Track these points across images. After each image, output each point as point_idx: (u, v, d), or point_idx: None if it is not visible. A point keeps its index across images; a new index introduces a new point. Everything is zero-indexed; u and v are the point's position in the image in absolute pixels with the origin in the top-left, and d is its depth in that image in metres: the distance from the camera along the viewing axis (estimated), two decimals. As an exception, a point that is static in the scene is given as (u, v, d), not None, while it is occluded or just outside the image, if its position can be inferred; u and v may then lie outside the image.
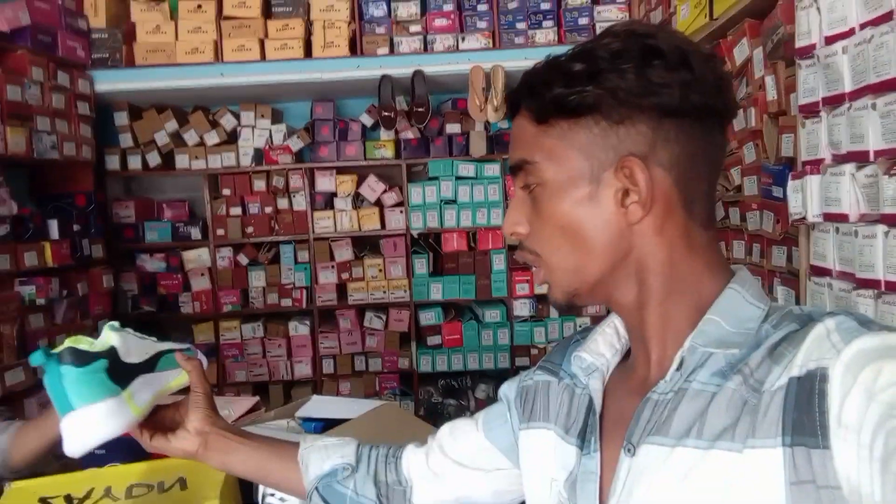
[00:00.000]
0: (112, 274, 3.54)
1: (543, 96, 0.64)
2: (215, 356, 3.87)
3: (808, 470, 0.53)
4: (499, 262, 3.88)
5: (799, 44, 1.64)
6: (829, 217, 1.54)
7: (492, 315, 3.93)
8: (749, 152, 2.13)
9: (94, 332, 0.90)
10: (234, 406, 1.44)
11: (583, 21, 3.60)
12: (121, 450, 1.14)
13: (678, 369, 0.63)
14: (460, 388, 4.00)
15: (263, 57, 3.55)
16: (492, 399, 4.10)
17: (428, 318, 3.89)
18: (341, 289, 3.90)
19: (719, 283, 0.65)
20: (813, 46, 1.59)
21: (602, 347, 0.75)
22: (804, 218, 1.64)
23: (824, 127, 1.56)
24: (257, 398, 1.50)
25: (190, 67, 3.52)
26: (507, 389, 0.88)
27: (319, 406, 1.52)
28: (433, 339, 3.90)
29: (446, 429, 0.93)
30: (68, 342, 0.85)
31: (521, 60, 3.49)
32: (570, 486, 0.71)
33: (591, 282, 0.67)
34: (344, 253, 3.87)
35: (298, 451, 0.95)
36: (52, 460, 1.26)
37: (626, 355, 0.75)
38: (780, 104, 1.91)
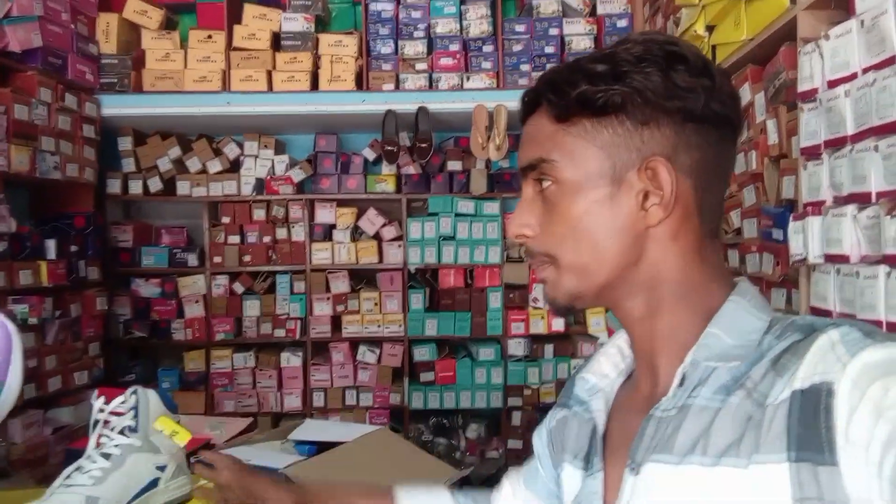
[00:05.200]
0: (106, 297, 3.51)
1: (568, 93, 0.64)
2: (205, 385, 3.82)
3: (813, 487, 0.52)
4: (495, 300, 3.86)
5: (801, 88, 1.67)
6: (830, 258, 1.55)
7: (486, 353, 3.89)
8: (749, 195, 2.15)
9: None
10: (226, 427, 1.41)
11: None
12: None
13: (681, 385, 0.62)
14: (451, 427, 3.94)
15: (270, 88, 3.59)
16: (483, 440, 4.06)
17: (422, 353, 3.86)
18: (336, 321, 3.87)
19: (723, 295, 0.65)
20: (815, 90, 1.61)
21: (606, 368, 0.74)
22: (805, 259, 1.65)
23: (826, 169, 1.57)
24: (251, 419, 1.48)
25: (197, 95, 3.56)
26: (537, 440, 0.85)
27: (312, 429, 1.50)
28: (426, 376, 3.85)
29: (508, 486, 0.91)
30: None
31: (524, 101, 3.54)
32: None
33: (598, 284, 0.66)
34: (340, 285, 3.86)
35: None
36: None
37: (632, 375, 0.73)
38: (781, 147, 1.93)
